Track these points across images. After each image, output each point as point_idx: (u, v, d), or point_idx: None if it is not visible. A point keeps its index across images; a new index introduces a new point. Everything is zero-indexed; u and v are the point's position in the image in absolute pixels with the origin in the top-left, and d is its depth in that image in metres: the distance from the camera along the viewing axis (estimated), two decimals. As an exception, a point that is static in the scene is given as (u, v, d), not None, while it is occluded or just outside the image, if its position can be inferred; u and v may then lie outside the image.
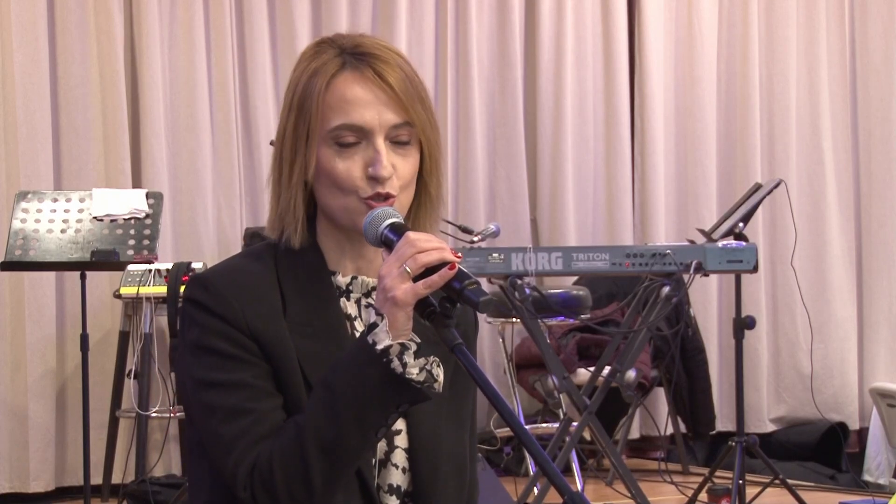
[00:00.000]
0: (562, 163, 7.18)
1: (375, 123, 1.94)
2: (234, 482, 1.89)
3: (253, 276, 1.96)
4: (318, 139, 1.95)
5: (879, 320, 7.72)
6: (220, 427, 1.90)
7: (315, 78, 1.96)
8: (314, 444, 1.86)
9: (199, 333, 1.93)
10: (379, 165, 1.93)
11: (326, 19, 6.77)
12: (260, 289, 1.95)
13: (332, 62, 1.96)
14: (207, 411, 1.92)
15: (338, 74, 1.95)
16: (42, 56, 6.19)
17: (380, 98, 1.94)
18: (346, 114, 1.94)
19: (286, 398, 1.93)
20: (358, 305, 2.02)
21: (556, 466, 1.78)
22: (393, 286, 1.84)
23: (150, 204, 5.36)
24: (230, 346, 1.92)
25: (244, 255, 2.03)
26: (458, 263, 1.84)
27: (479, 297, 1.82)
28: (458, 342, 1.84)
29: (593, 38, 7.34)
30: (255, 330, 1.92)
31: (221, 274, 1.97)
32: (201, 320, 1.93)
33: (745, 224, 5.32)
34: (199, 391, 1.93)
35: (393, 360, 1.84)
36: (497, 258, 5.02)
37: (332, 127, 1.94)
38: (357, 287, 2.02)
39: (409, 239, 1.85)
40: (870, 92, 7.74)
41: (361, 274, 2.02)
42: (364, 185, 1.94)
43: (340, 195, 1.95)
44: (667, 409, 7.01)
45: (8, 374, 6.13)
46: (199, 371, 1.93)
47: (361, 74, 1.95)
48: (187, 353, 1.95)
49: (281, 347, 1.93)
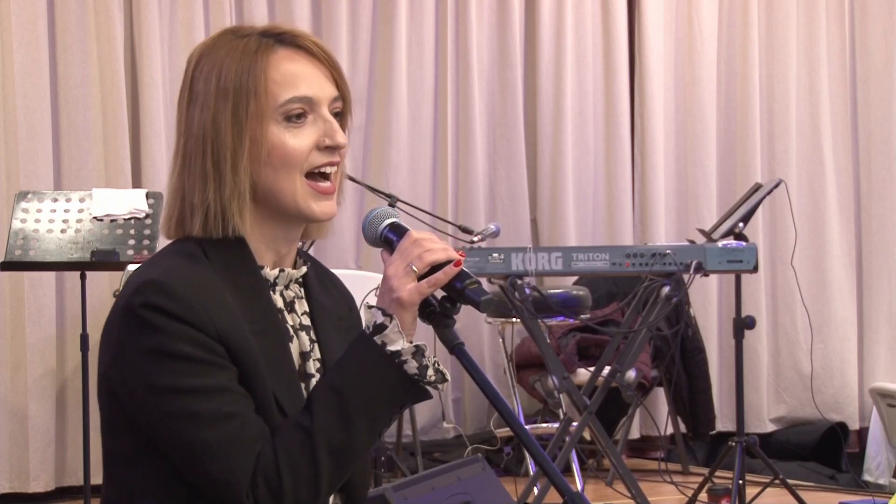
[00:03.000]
0: (562, 163, 7.18)
1: (322, 95, 1.94)
2: (229, 489, 1.85)
3: (202, 277, 1.91)
4: (265, 118, 1.92)
5: (879, 320, 7.72)
6: (202, 433, 1.85)
7: (247, 59, 1.92)
8: (325, 448, 1.85)
9: (162, 340, 1.85)
10: (336, 134, 1.94)
11: (326, 19, 6.77)
12: (213, 289, 1.90)
13: (263, 43, 1.94)
14: (185, 418, 1.85)
15: (275, 51, 1.94)
16: (42, 56, 6.19)
17: (321, 71, 1.96)
18: (294, 87, 1.93)
19: (255, 398, 1.89)
20: (283, 297, 2.00)
21: (556, 466, 1.78)
22: (400, 286, 1.84)
23: (150, 204, 5.37)
24: (201, 350, 1.86)
25: (178, 256, 1.94)
26: (461, 262, 1.84)
27: (480, 297, 1.83)
28: (459, 342, 1.85)
29: (593, 38, 7.34)
30: (222, 332, 1.88)
31: (176, 277, 1.89)
32: (164, 326, 1.86)
33: (745, 224, 5.32)
34: (168, 398, 1.85)
35: (408, 361, 1.85)
36: (497, 258, 5.02)
37: (282, 102, 1.92)
38: (282, 279, 2.00)
39: (414, 238, 1.86)
40: (870, 92, 7.74)
41: (281, 265, 2.00)
42: (315, 156, 1.94)
43: (287, 174, 1.93)
44: (667, 409, 7.01)
45: (8, 374, 6.13)
46: (167, 378, 1.85)
47: (296, 51, 1.95)
48: (146, 361, 1.86)
49: (246, 347, 1.89)
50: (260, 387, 1.89)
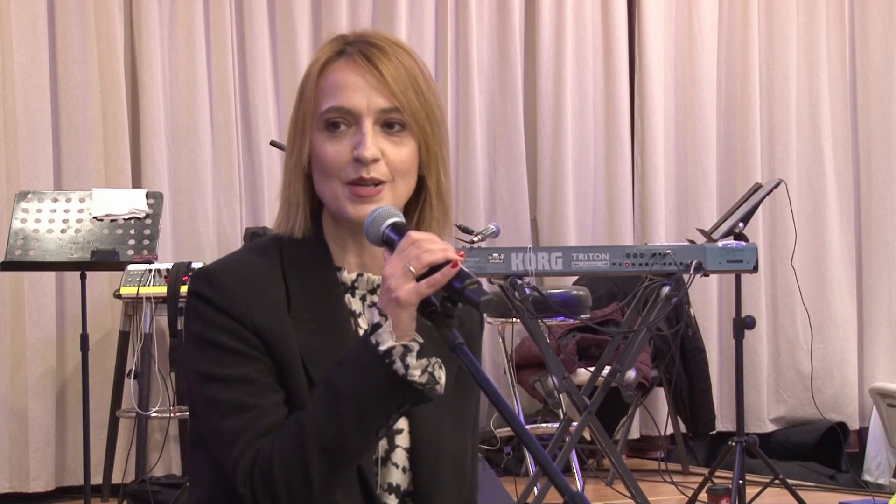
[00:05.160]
0: (562, 163, 7.18)
1: (364, 107, 1.96)
2: (234, 477, 1.89)
3: (257, 270, 1.97)
4: (311, 125, 1.98)
5: (879, 320, 7.72)
6: (221, 421, 1.91)
7: (313, 66, 2.01)
8: (315, 443, 1.86)
9: (203, 327, 1.94)
10: (362, 147, 1.95)
11: (326, 19, 6.77)
12: (264, 283, 1.96)
13: (330, 51, 2.01)
14: (209, 405, 1.93)
15: (332, 61, 2.00)
16: (42, 56, 6.19)
17: (370, 83, 1.97)
18: (335, 97, 1.97)
19: (288, 394, 1.93)
20: (363, 302, 2.02)
21: (556, 466, 1.78)
22: (397, 286, 1.84)
23: (150, 204, 5.36)
24: (233, 340, 1.92)
25: (249, 248, 2.04)
26: (460, 262, 1.84)
27: (480, 297, 1.82)
28: (460, 342, 1.84)
29: (593, 38, 7.34)
30: (259, 325, 1.93)
31: (225, 268, 1.98)
32: (205, 314, 1.94)
33: (745, 224, 5.32)
34: (202, 385, 1.94)
35: (395, 362, 1.84)
36: (497, 258, 5.02)
37: (323, 110, 1.97)
38: (362, 284, 2.02)
39: (412, 238, 1.86)
40: (870, 92, 7.74)
41: (366, 270, 2.03)
42: (349, 168, 1.96)
43: (328, 180, 1.97)
44: (667, 409, 7.01)
45: (8, 374, 6.13)
46: (203, 365, 1.93)
47: (354, 61, 1.98)
48: (192, 347, 1.96)
49: (284, 343, 1.93)
50: (294, 382, 1.93)
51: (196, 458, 2.02)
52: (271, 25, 6.69)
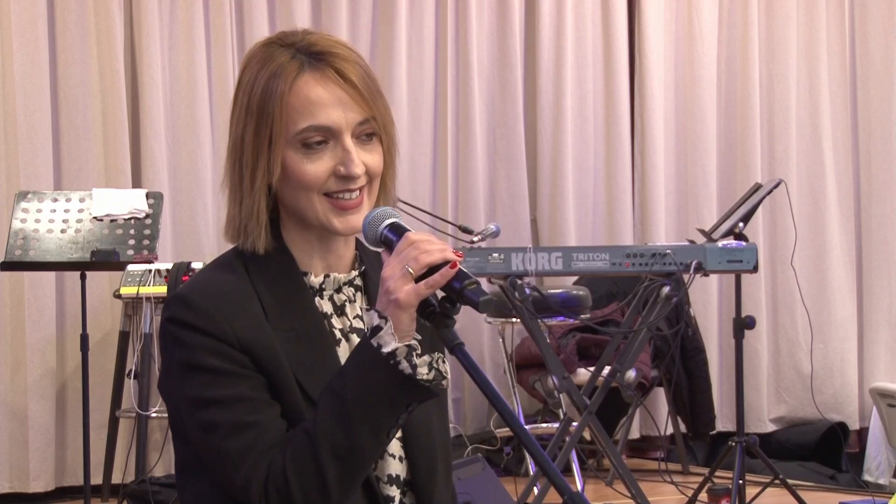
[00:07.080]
0: (562, 163, 7.18)
1: (342, 122, 1.94)
2: (248, 496, 1.88)
3: (229, 286, 1.95)
4: (283, 143, 1.94)
5: (879, 320, 7.72)
6: (224, 443, 1.89)
7: (274, 81, 1.94)
8: (328, 452, 1.86)
9: (187, 353, 1.91)
10: (351, 164, 1.94)
11: (326, 19, 6.77)
12: (240, 298, 1.94)
13: (291, 64, 1.95)
14: (208, 429, 1.90)
15: (299, 76, 1.94)
16: (42, 56, 6.19)
17: (343, 97, 1.94)
18: (312, 115, 1.93)
19: (283, 405, 1.92)
20: (332, 302, 2.02)
21: (556, 466, 1.78)
22: (396, 288, 1.84)
23: (150, 204, 5.37)
24: (222, 361, 1.90)
25: (214, 266, 2.01)
26: (458, 263, 1.84)
27: (479, 297, 1.82)
28: (459, 342, 1.84)
29: (593, 38, 7.34)
30: (245, 342, 1.91)
31: (199, 290, 1.94)
32: (188, 339, 1.91)
33: (745, 224, 5.32)
34: (196, 411, 1.91)
35: (401, 363, 1.84)
36: (497, 258, 5.02)
37: (299, 129, 1.93)
38: (329, 284, 2.02)
39: (410, 239, 1.86)
40: (870, 92, 7.74)
41: (332, 271, 2.02)
42: (330, 181, 1.95)
43: (306, 194, 1.95)
44: (667, 409, 7.01)
45: (8, 374, 6.13)
46: (194, 390, 1.91)
47: (323, 75, 1.94)
48: (176, 374, 1.93)
49: (272, 355, 1.92)
50: (288, 393, 1.92)
51: (188, 483, 2.00)
52: (271, 25, 6.68)
